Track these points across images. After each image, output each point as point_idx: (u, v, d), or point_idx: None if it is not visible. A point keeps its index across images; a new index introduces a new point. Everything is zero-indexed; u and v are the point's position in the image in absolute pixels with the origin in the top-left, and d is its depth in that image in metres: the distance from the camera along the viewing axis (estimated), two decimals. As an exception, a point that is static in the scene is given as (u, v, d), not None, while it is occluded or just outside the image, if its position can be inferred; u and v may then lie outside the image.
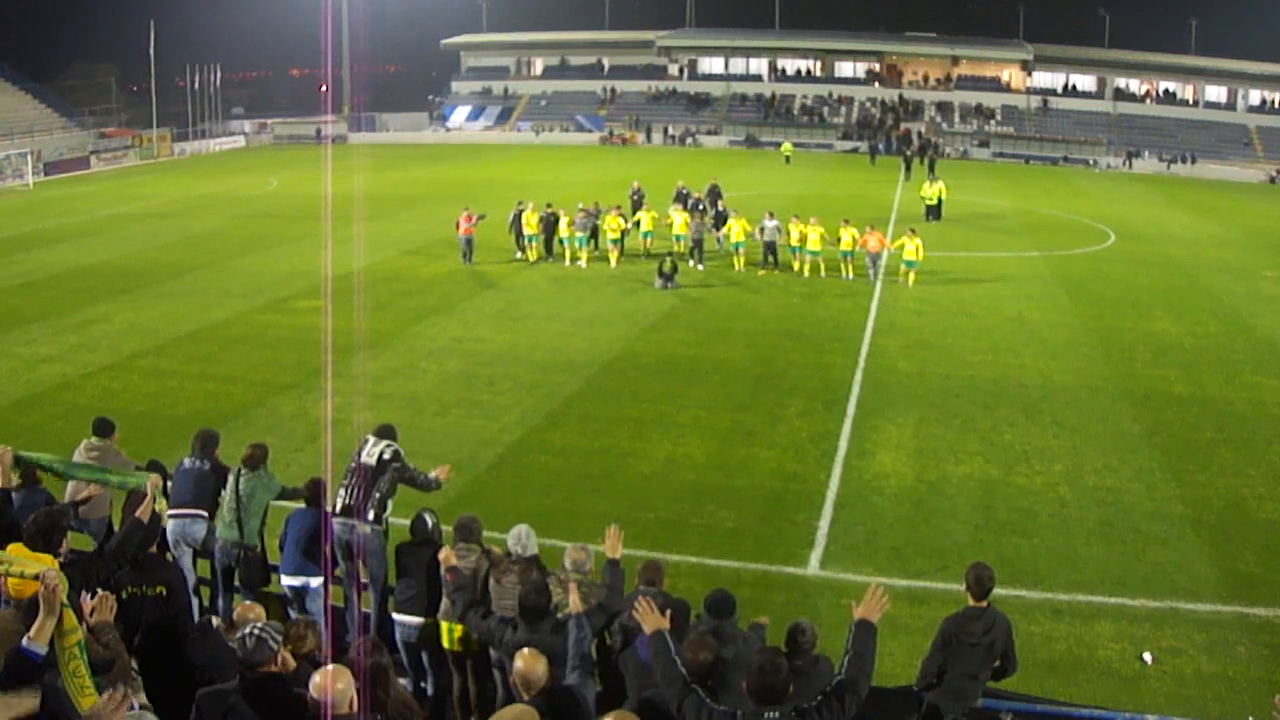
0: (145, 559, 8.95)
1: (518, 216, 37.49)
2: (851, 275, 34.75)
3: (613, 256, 36.66)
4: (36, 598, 6.33)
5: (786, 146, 79.50)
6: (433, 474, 11.85)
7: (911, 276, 33.89)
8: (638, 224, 38.10)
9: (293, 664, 7.33)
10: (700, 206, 40.24)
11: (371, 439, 11.70)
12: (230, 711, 6.69)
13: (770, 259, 36.02)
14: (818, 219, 35.78)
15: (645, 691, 7.64)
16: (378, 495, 11.34)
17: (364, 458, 11.49)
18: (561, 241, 37.17)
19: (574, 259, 36.78)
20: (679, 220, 37.35)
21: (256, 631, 7.01)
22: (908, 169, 66.89)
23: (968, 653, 9.27)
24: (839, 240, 34.78)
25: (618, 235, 36.59)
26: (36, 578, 6.44)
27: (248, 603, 8.59)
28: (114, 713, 5.20)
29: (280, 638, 7.16)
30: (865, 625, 7.15)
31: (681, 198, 42.01)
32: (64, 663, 6.25)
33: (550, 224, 37.42)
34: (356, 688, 6.53)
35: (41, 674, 6.15)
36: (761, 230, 36.12)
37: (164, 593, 8.67)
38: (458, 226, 36.48)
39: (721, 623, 8.44)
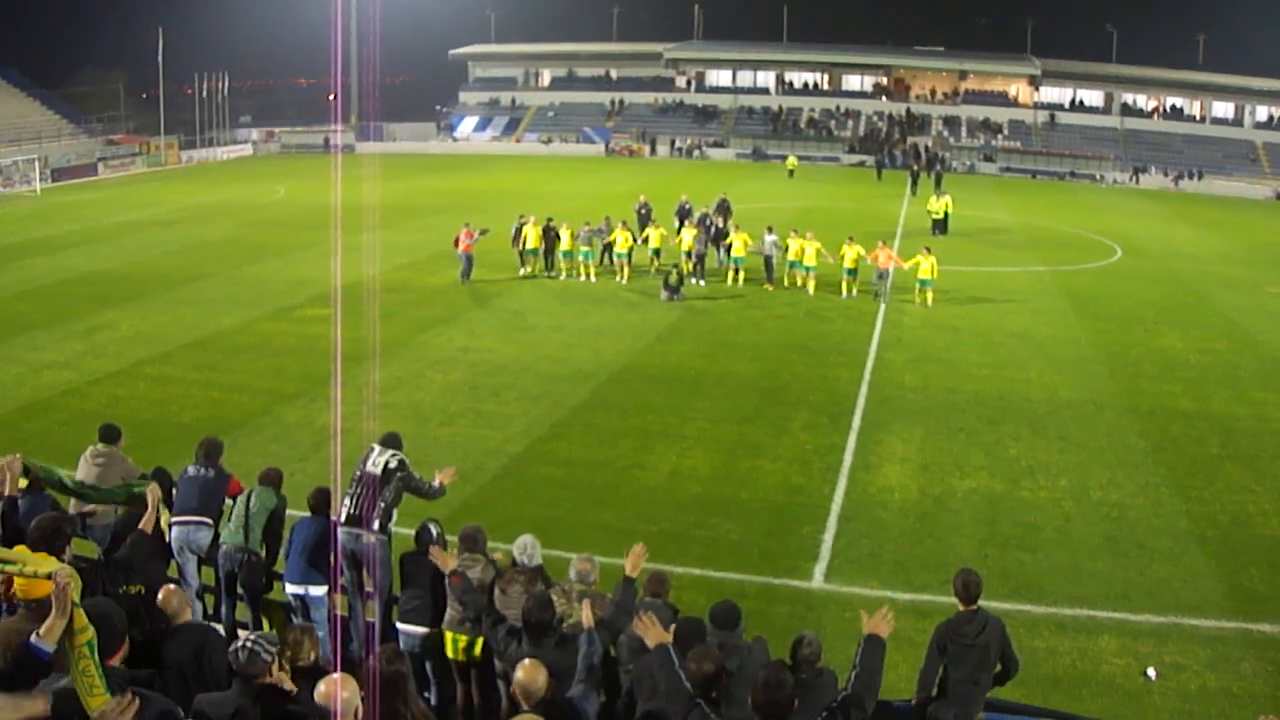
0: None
1: (519, 230, 37.03)
2: (855, 293, 34.17)
3: (622, 272, 36.16)
4: (48, 598, 6.33)
5: (791, 160, 79.48)
6: (436, 481, 11.87)
7: (930, 295, 33.21)
8: (645, 240, 37.52)
9: (289, 684, 7.25)
10: (707, 221, 39.49)
11: (377, 448, 11.73)
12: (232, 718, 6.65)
13: (767, 273, 35.69)
14: (814, 234, 35.49)
15: (648, 704, 7.62)
16: (383, 505, 11.37)
17: (369, 467, 11.54)
18: (565, 255, 36.57)
19: (578, 273, 36.40)
20: (688, 236, 36.48)
21: (249, 644, 6.93)
22: (914, 184, 66.40)
23: (965, 655, 9.28)
24: (842, 257, 34.26)
25: (626, 250, 36.06)
26: (49, 577, 6.45)
27: (171, 587, 8.39)
28: (120, 716, 5.18)
29: (274, 649, 7.10)
30: (874, 641, 7.11)
31: (684, 213, 41.52)
32: (73, 661, 6.26)
33: (551, 238, 36.80)
34: (362, 696, 6.49)
35: (47, 672, 6.15)
36: (761, 245, 35.87)
37: (143, 591, 8.66)
38: (456, 243, 35.52)
39: (726, 634, 8.43)
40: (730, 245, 36.19)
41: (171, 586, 8.18)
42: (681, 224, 39.38)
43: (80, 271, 36.92)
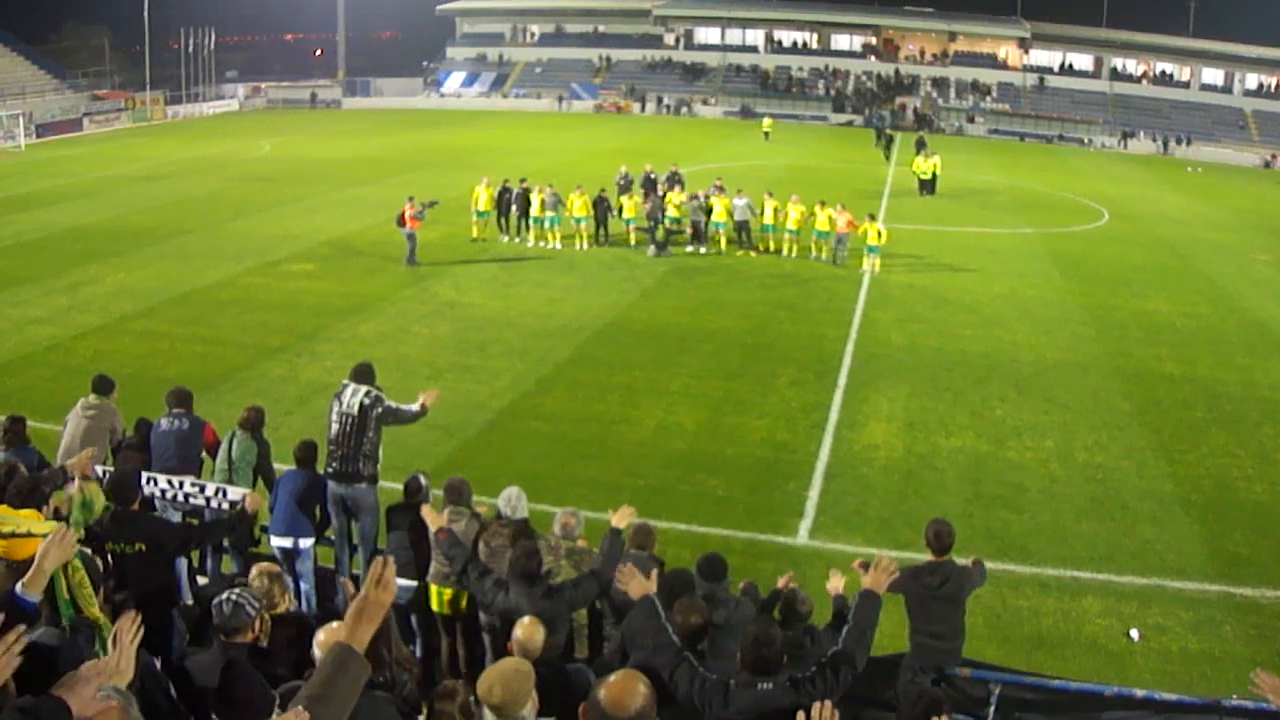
0: (122, 515, 8.80)
1: (502, 192, 35.67)
2: (824, 256, 33.55)
3: (581, 237, 34.98)
4: (31, 558, 6.28)
5: (767, 122, 77.19)
6: (417, 404, 11.72)
7: (878, 262, 32.19)
8: (620, 209, 35.89)
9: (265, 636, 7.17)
10: (697, 195, 37.74)
11: (351, 386, 11.59)
12: (225, 676, 6.56)
13: (744, 237, 34.61)
14: (799, 196, 34.85)
15: (634, 657, 7.58)
16: (367, 448, 11.30)
17: (345, 407, 11.41)
18: (536, 222, 34.94)
19: (548, 240, 34.93)
20: (678, 200, 35.13)
21: (234, 598, 6.80)
22: (888, 146, 65.43)
23: (928, 608, 9.21)
24: (812, 217, 33.61)
25: (585, 214, 34.80)
26: (45, 537, 6.38)
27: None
28: (94, 679, 5.10)
29: (258, 605, 6.99)
30: (870, 597, 6.96)
31: (649, 183, 40.37)
32: (74, 587, 6.30)
33: (523, 201, 35.45)
34: None
35: (32, 623, 6.08)
36: (733, 209, 34.64)
37: (143, 549, 8.57)
38: (401, 221, 31.50)
39: (713, 587, 8.39)
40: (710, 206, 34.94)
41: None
42: (648, 194, 38.31)
43: (64, 227, 36.61)
